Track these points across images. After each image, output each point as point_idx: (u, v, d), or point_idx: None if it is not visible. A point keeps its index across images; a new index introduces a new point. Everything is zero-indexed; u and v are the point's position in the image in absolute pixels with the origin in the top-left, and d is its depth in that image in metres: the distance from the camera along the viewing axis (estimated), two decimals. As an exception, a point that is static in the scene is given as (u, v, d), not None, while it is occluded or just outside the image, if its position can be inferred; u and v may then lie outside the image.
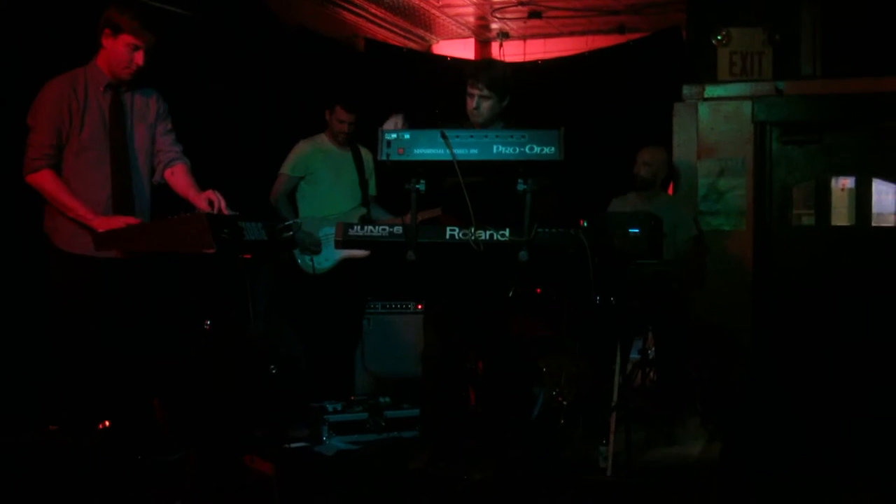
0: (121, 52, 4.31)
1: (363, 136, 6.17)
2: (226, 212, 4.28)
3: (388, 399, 5.95)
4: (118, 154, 4.40)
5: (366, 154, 6.30)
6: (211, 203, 4.32)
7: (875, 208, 6.84)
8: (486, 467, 4.68)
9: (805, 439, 6.57)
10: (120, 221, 4.21)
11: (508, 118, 4.91)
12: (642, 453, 5.22)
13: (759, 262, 6.89)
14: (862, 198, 6.86)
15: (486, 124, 4.84)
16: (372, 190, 6.35)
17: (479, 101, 4.84)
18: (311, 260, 6.01)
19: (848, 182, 6.92)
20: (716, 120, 6.98)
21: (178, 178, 4.60)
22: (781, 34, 6.97)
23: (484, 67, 5.10)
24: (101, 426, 4.22)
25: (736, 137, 6.95)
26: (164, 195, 4.64)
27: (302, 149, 6.21)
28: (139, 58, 4.33)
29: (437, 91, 6.81)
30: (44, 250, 4.38)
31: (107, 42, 4.33)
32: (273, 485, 4.21)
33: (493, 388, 5.07)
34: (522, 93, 5.17)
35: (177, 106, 4.73)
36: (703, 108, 7.02)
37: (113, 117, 4.40)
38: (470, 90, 4.86)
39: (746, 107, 6.92)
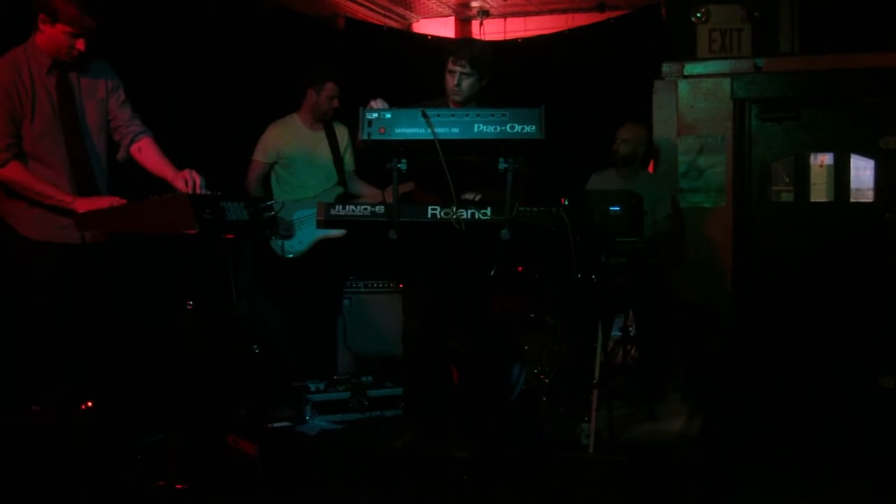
0: (60, 39, 4.18)
1: (342, 114, 6.14)
2: (200, 192, 4.23)
3: (370, 378, 5.97)
4: (72, 135, 4.30)
5: (340, 130, 6.24)
6: (186, 183, 4.27)
7: (853, 184, 6.88)
8: (469, 445, 4.70)
9: (784, 415, 6.62)
10: (100, 202, 4.17)
11: (483, 98, 4.91)
12: (624, 430, 5.24)
13: (738, 239, 6.92)
14: (840, 174, 6.90)
15: (465, 102, 4.84)
16: (349, 165, 6.30)
17: (461, 79, 4.83)
18: (283, 244, 5.97)
19: (826, 158, 6.95)
20: (695, 97, 6.99)
21: (147, 153, 4.52)
22: (760, 11, 6.98)
23: (466, 45, 5.10)
24: (83, 407, 4.21)
25: (715, 114, 6.96)
26: (127, 172, 4.58)
27: (273, 133, 6.13)
28: (80, 44, 4.19)
29: (417, 69, 6.79)
30: (2, 236, 4.30)
31: (44, 27, 4.17)
32: (256, 465, 4.22)
33: (476, 366, 5.08)
34: (503, 71, 5.16)
35: (151, 86, 4.69)
36: (683, 86, 7.02)
37: (61, 99, 4.28)
38: (451, 67, 4.85)
39: (726, 84, 6.93)
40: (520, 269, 6.01)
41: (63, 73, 4.30)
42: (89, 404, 4.19)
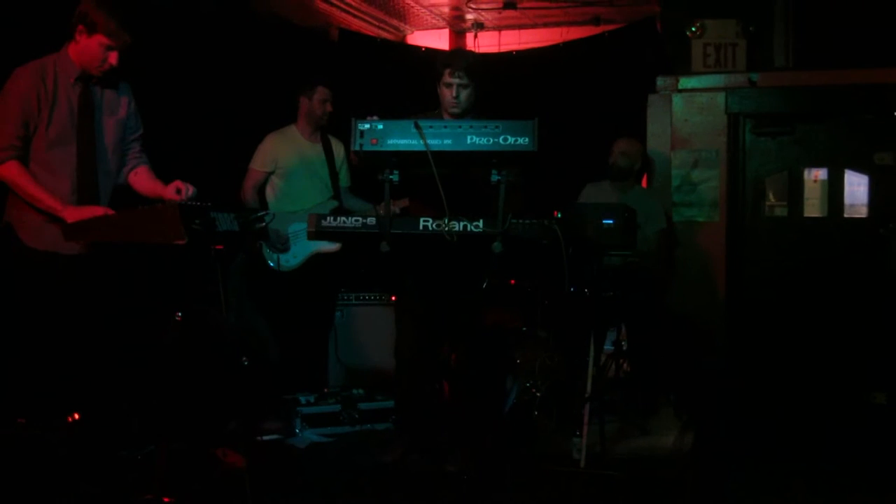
0: (94, 50, 4.23)
1: (336, 126, 6.12)
2: (187, 199, 4.24)
3: (361, 391, 5.94)
4: (84, 148, 4.32)
5: (336, 145, 6.25)
6: (178, 191, 4.28)
7: (847, 200, 6.86)
8: (460, 460, 4.68)
9: (778, 429, 6.60)
10: (90, 212, 4.16)
11: (477, 109, 4.90)
12: (616, 444, 5.23)
13: (732, 253, 6.91)
14: (834, 189, 6.89)
15: (463, 114, 4.83)
16: (344, 181, 6.30)
17: (459, 91, 4.83)
18: (278, 258, 5.95)
19: (820, 173, 6.94)
20: (689, 111, 6.98)
21: (141, 177, 4.58)
22: (755, 26, 6.98)
23: (461, 55, 5.09)
24: (70, 419, 4.18)
25: (709, 129, 6.95)
26: (123, 193, 4.59)
27: (270, 143, 6.13)
28: (113, 58, 4.26)
29: (411, 81, 6.78)
30: (5, 242, 4.30)
31: (80, 38, 4.24)
32: (245, 478, 4.18)
33: (467, 380, 5.06)
34: (497, 83, 5.16)
35: (145, 95, 4.68)
36: (677, 100, 7.02)
37: (81, 110, 4.32)
38: (447, 80, 4.84)
39: (720, 98, 6.92)
40: (512, 281, 5.99)
41: (88, 86, 4.35)
42: (76, 416, 4.16)
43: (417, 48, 8.83)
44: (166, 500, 3.99)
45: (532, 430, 5.29)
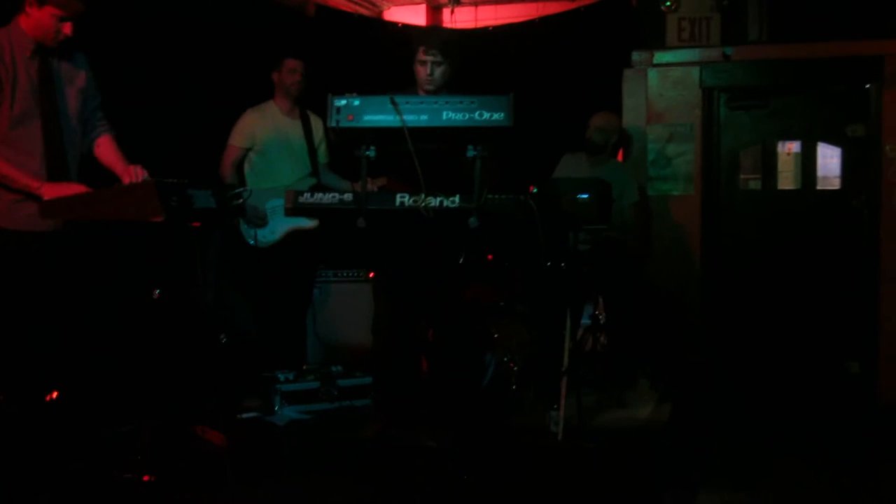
0: (47, 22, 4.16)
1: (315, 103, 6.11)
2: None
3: (340, 368, 5.94)
4: (49, 122, 4.27)
5: (315, 121, 6.25)
6: (132, 178, 4.25)
7: (820, 172, 6.92)
8: (439, 435, 4.70)
9: (754, 400, 6.67)
10: (67, 188, 4.13)
11: (452, 86, 4.90)
12: (593, 417, 5.27)
13: (707, 226, 6.95)
14: (807, 162, 6.93)
15: (437, 91, 4.83)
16: (323, 157, 6.30)
17: (433, 68, 4.82)
18: (256, 234, 5.94)
19: (794, 146, 6.99)
20: (664, 86, 7.00)
21: (105, 148, 4.52)
22: (729, 0, 7.00)
23: (435, 33, 5.08)
24: (48, 397, 4.17)
25: (684, 103, 6.98)
26: (86, 164, 4.55)
27: (249, 119, 6.12)
28: (67, 28, 4.18)
29: (388, 57, 6.76)
30: None
31: (31, 10, 4.16)
32: (225, 455, 4.20)
33: (445, 355, 5.08)
34: (474, 59, 5.15)
35: (120, 75, 4.65)
36: (652, 74, 7.03)
37: (42, 84, 4.25)
38: (422, 57, 4.83)
39: (695, 72, 6.95)
40: (490, 256, 6.01)
41: (45, 59, 4.28)
42: (54, 395, 4.15)
43: (394, 24, 8.78)
44: (146, 478, 4.00)
45: (510, 404, 5.33)
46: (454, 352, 5.08)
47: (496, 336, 5.67)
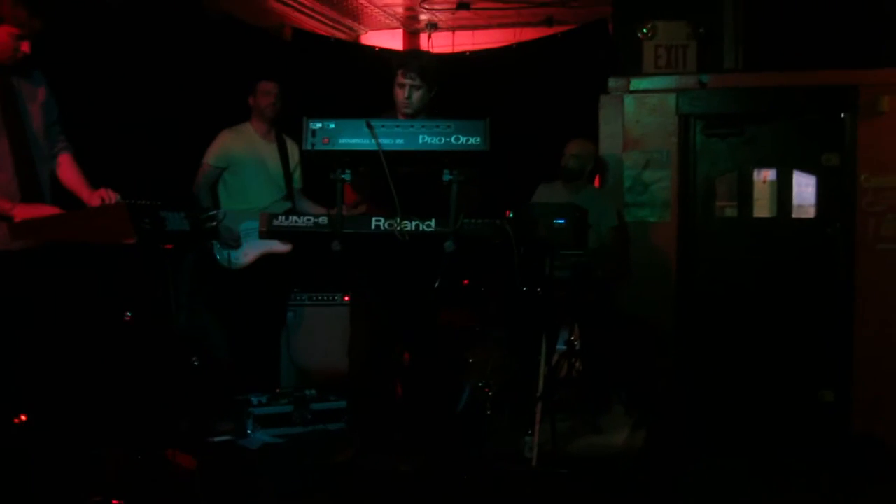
0: (5, 41, 4.11)
1: (290, 127, 6.10)
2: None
3: (313, 391, 5.90)
4: (17, 140, 4.22)
5: (291, 146, 6.25)
6: (103, 201, 4.20)
7: (795, 200, 6.94)
8: (413, 459, 4.68)
9: (728, 427, 6.67)
10: (39, 210, 4.09)
11: (431, 110, 4.90)
12: (568, 443, 5.25)
13: (682, 253, 6.96)
14: (783, 190, 6.96)
15: (415, 114, 4.83)
16: (297, 182, 6.30)
17: (411, 91, 4.82)
18: (229, 255, 5.92)
19: (769, 174, 7.02)
20: (641, 112, 7.03)
21: (65, 169, 4.48)
22: (705, 27, 7.04)
23: (415, 56, 5.09)
24: (16, 420, 4.12)
25: (661, 130, 7.00)
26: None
27: (225, 138, 6.12)
28: (25, 47, 4.15)
29: (365, 81, 6.77)
30: None
31: None
32: (196, 479, 4.16)
33: (420, 379, 5.06)
34: (451, 84, 5.16)
35: (96, 95, 4.63)
36: (629, 101, 7.06)
37: (5, 102, 4.22)
38: (401, 80, 4.84)
39: (671, 99, 6.98)
40: (465, 281, 6.00)
41: (5, 77, 4.24)
42: (23, 418, 4.10)
43: (371, 48, 8.82)
44: (115, 501, 3.95)
45: (484, 429, 5.30)
46: (429, 376, 5.06)
47: (471, 361, 5.66)
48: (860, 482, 5.49)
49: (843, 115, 6.74)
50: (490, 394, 5.44)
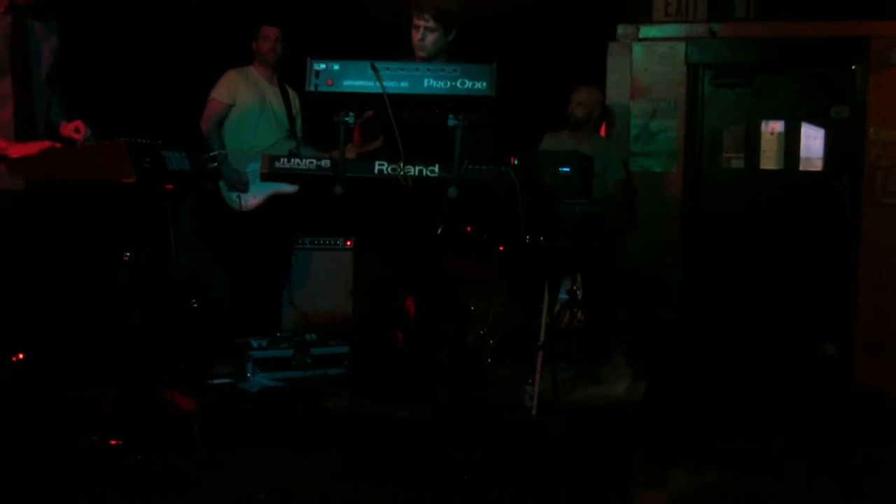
0: None
1: (294, 69, 6.04)
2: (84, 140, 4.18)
3: (314, 336, 5.89)
4: (21, 79, 4.21)
5: (293, 95, 6.24)
6: (77, 130, 4.21)
7: (803, 153, 6.90)
8: (412, 406, 4.67)
9: (729, 380, 6.67)
10: (36, 146, 4.06)
11: (451, 54, 4.83)
12: (568, 393, 5.23)
13: (688, 204, 6.92)
14: (790, 142, 6.91)
15: (430, 58, 4.75)
16: (299, 130, 6.26)
17: (425, 34, 4.74)
18: (238, 197, 5.90)
19: (777, 126, 6.96)
20: (649, 61, 6.95)
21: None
22: (717, -25, 6.95)
23: None
24: (14, 359, 4.11)
25: (669, 79, 6.93)
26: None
27: (232, 76, 6.11)
28: None
29: (374, 23, 6.66)
30: None
31: None
32: (194, 421, 4.15)
33: (421, 326, 5.04)
34: (461, 26, 5.08)
35: (100, 33, 4.58)
36: (637, 49, 6.98)
37: (15, 40, 4.20)
38: (416, 22, 4.76)
39: (680, 48, 6.90)
40: (468, 228, 5.95)
41: (19, 16, 4.21)
42: (20, 356, 4.09)
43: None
44: (113, 442, 3.94)
45: (485, 378, 5.29)
46: (430, 323, 5.04)
47: (473, 308, 5.62)
48: (860, 436, 5.49)
49: (853, 67, 6.66)
50: (491, 342, 5.41)
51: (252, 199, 5.96)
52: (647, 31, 6.98)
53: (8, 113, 4.19)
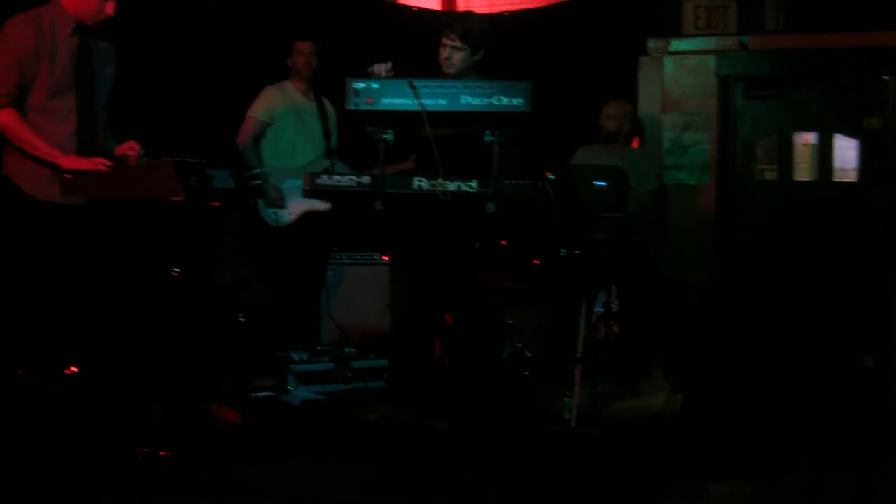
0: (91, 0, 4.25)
1: (328, 85, 6.12)
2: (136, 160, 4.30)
3: (354, 350, 5.96)
4: (85, 100, 4.35)
5: (330, 108, 6.30)
6: (132, 149, 4.33)
7: (836, 164, 6.89)
8: (451, 418, 4.71)
9: (767, 392, 6.65)
10: (88, 162, 4.18)
11: (482, 71, 4.89)
12: (606, 405, 5.27)
13: (722, 217, 6.93)
14: (824, 153, 6.90)
15: (458, 76, 4.82)
16: (335, 144, 6.33)
17: (451, 52, 4.81)
18: (275, 213, 5.98)
19: (810, 137, 6.96)
20: (680, 74, 6.97)
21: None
22: (746, -13, 6.97)
23: (459, 18, 5.07)
24: (67, 371, 4.20)
25: (700, 92, 6.95)
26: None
27: (269, 93, 6.18)
28: (110, 8, 4.29)
29: (402, 40, 6.73)
30: (4, 194, 4.33)
31: None
32: (239, 433, 4.22)
33: (459, 339, 5.08)
34: (490, 45, 5.14)
35: (140, 54, 4.69)
36: (668, 62, 7.01)
37: (81, 60, 4.34)
38: (443, 41, 4.83)
39: (711, 61, 6.92)
40: (504, 242, 6.00)
41: (85, 37, 4.36)
42: (73, 369, 4.18)
43: (407, 7, 8.76)
44: (162, 453, 4.02)
45: (523, 391, 5.33)
46: (468, 336, 5.09)
47: (510, 322, 5.67)
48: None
49: (885, 77, 6.66)
50: (529, 355, 5.46)
51: (288, 214, 6.03)
52: (677, 44, 7.01)
53: (70, 126, 4.33)
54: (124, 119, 4.68)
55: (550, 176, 4.30)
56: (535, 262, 5.79)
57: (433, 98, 4.09)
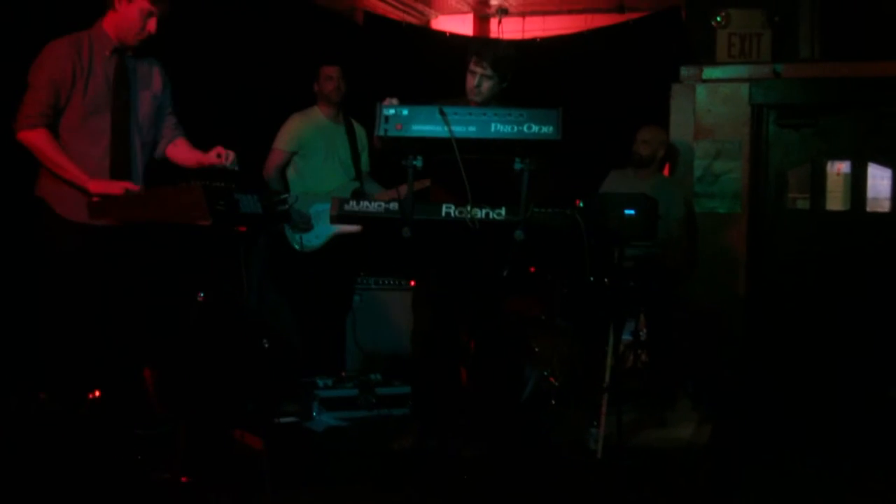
0: (133, 17, 4.27)
1: (359, 111, 6.13)
2: (233, 165, 4.37)
3: (379, 376, 5.94)
4: (119, 120, 4.36)
5: (359, 129, 6.29)
6: (219, 156, 4.37)
7: (870, 193, 6.84)
8: (476, 446, 4.68)
9: (795, 423, 6.58)
10: (115, 186, 4.18)
11: (504, 99, 4.88)
12: (633, 435, 5.22)
13: (753, 245, 6.89)
14: (857, 182, 6.86)
15: (484, 103, 4.81)
16: (365, 165, 6.33)
17: (481, 80, 4.80)
18: (301, 238, 5.98)
19: (843, 166, 6.91)
20: (713, 101, 6.95)
21: (181, 148, 4.63)
22: (780, 16, 6.95)
23: (491, 45, 5.07)
24: (91, 396, 4.20)
25: (733, 119, 6.93)
26: (160, 169, 4.64)
27: (295, 123, 6.17)
28: (152, 25, 4.29)
29: (435, 67, 6.76)
30: (37, 215, 4.33)
31: (119, 5, 4.27)
32: (263, 459, 4.20)
33: (485, 366, 5.06)
34: (521, 71, 5.14)
35: (170, 73, 4.71)
36: (701, 90, 6.99)
37: (117, 81, 4.36)
38: (473, 68, 4.83)
39: (744, 89, 6.90)
40: (532, 269, 5.98)
41: (122, 59, 4.38)
42: (97, 394, 4.18)
43: (442, 33, 8.80)
44: (184, 479, 4.01)
45: (549, 419, 5.30)
46: (494, 364, 5.06)
47: (537, 350, 5.64)
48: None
49: (918, 107, 6.62)
50: (555, 383, 5.42)
51: (315, 239, 6.03)
52: (710, 72, 7.00)
53: (101, 148, 4.33)
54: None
55: (580, 204, 4.27)
56: (564, 289, 5.77)
57: (463, 125, 4.07)
